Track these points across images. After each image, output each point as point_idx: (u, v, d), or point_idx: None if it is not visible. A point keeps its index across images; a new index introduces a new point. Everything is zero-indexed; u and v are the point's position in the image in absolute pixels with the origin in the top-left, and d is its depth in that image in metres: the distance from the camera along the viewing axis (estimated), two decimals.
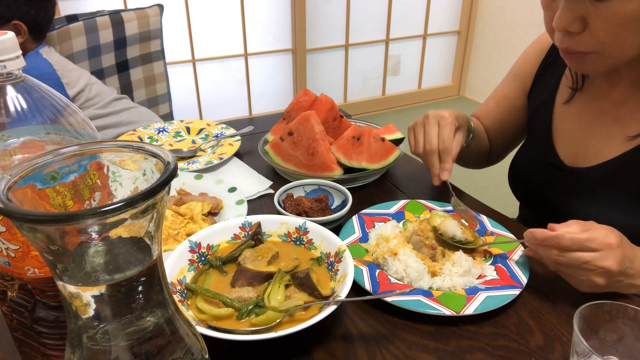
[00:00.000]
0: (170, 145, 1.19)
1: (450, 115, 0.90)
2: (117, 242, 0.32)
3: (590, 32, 0.69)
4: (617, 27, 0.67)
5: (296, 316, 0.61)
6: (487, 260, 0.76)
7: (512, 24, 3.57)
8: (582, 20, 0.68)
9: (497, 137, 1.10)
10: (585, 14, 0.68)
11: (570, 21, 0.69)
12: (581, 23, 0.69)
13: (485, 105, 1.11)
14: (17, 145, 0.45)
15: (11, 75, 0.45)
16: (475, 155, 1.10)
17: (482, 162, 1.17)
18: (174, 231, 0.81)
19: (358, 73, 3.70)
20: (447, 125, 0.89)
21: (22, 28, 1.40)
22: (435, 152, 0.89)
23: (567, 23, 0.69)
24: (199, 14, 2.96)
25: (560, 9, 0.69)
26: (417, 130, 0.92)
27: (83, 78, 1.53)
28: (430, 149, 0.89)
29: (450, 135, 0.89)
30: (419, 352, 0.61)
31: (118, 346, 0.34)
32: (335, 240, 0.71)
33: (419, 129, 0.92)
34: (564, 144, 0.91)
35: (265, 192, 0.97)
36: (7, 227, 0.46)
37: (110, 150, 0.36)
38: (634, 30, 0.67)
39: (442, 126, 0.89)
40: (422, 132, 0.91)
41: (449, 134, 0.88)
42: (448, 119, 0.90)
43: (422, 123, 0.92)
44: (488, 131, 1.10)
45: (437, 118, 0.90)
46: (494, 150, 1.13)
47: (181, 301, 0.63)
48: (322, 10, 3.34)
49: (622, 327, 0.54)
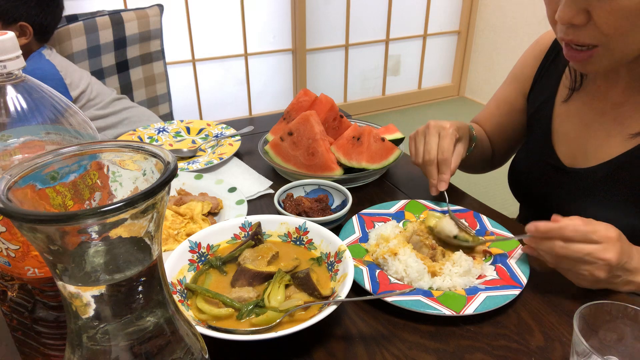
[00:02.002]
0: (170, 145, 1.19)
1: (451, 126, 0.90)
2: (117, 242, 0.32)
3: (595, 25, 0.69)
4: (620, 19, 0.67)
5: (296, 316, 0.61)
6: (487, 260, 0.76)
7: (512, 24, 3.57)
8: (586, 12, 0.68)
9: (499, 141, 1.10)
10: (589, 7, 0.67)
11: (574, 14, 0.69)
12: (585, 15, 0.68)
13: (486, 109, 1.11)
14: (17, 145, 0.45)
15: (11, 75, 0.45)
16: (478, 161, 1.10)
17: (486, 167, 1.17)
18: (174, 231, 0.81)
19: (358, 73, 3.70)
20: (447, 137, 0.89)
21: (28, 29, 1.40)
22: (433, 162, 0.89)
23: (571, 16, 0.69)
24: (199, 14, 2.96)
25: (564, 2, 0.69)
26: (417, 140, 0.92)
27: (84, 79, 1.53)
28: (429, 159, 0.89)
29: (450, 146, 0.89)
30: (419, 352, 0.61)
31: (118, 346, 0.34)
32: (335, 240, 0.71)
33: (420, 138, 0.92)
34: (563, 145, 0.91)
35: (265, 192, 0.97)
36: (7, 227, 0.46)
37: (110, 150, 0.36)
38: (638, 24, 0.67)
39: (443, 137, 0.89)
40: (423, 142, 0.91)
41: (448, 145, 0.88)
42: (449, 129, 0.89)
43: (423, 133, 0.92)
44: (490, 135, 1.10)
45: (438, 129, 0.90)
46: (497, 153, 1.13)
47: (181, 301, 0.63)
48: (322, 10, 3.34)
49: (622, 327, 0.54)
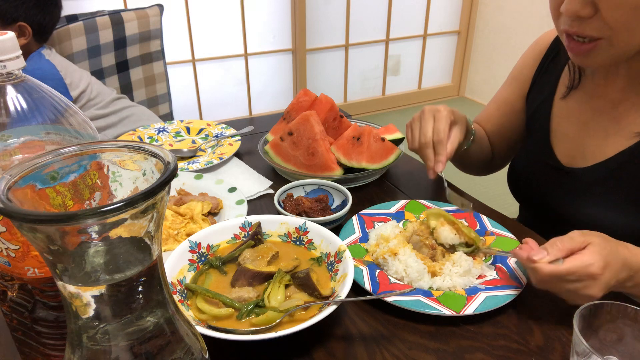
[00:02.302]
0: (170, 145, 1.19)
1: (445, 109, 0.90)
2: (117, 242, 0.32)
3: (601, 17, 0.68)
4: (628, 12, 0.66)
5: (296, 316, 0.61)
6: (487, 260, 0.76)
7: (512, 24, 3.57)
8: (593, 4, 0.68)
9: (499, 142, 1.10)
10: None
11: (581, 6, 0.68)
12: (592, 7, 0.68)
13: (486, 110, 1.11)
14: (17, 145, 0.45)
15: (11, 75, 0.45)
16: (476, 160, 1.10)
17: (483, 168, 1.17)
18: (174, 231, 0.81)
19: (358, 73, 3.70)
20: (442, 119, 0.89)
21: (27, 30, 1.40)
22: (429, 144, 0.89)
23: (578, 8, 0.68)
24: (199, 14, 2.96)
25: None
26: (413, 126, 0.93)
27: (84, 79, 1.53)
28: (425, 141, 0.89)
29: (445, 128, 0.88)
30: (419, 352, 0.61)
31: (118, 346, 0.34)
32: (335, 240, 0.71)
33: (416, 124, 0.92)
34: (562, 145, 0.91)
35: (265, 192, 0.97)
36: (7, 227, 0.46)
37: (110, 150, 0.36)
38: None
39: (437, 119, 0.89)
40: (418, 126, 0.91)
41: (444, 127, 0.88)
42: (443, 112, 0.90)
43: (419, 118, 0.92)
44: (490, 136, 1.10)
45: (433, 112, 0.90)
46: (497, 155, 1.13)
47: (181, 301, 0.63)
48: (322, 10, 3.33)
49: (622, 327, 0.54)
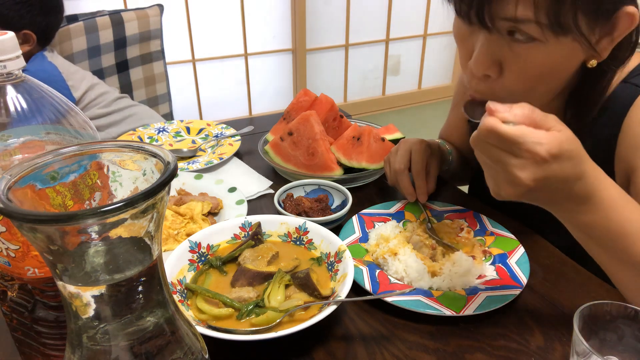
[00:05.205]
0: (170, 145, 1.19)
1: (422, 142, 0.91)
2: (117, 242, 0.32)
3: (503, 79, 0.65)
4: (530, 77, 0.64)
5: (296, 316, 0.61)
6: (487, 260, 0.76)
7: None
8: (499, 64, 0.64)
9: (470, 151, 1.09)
10: (503, 59, 0.63)
11: (489, 65, 0.64)
12: (498, 68, 0.64)
13: (447, 123, 1.12)
14: (17, 145, 0.45)
15: (11, 75, 0.45)
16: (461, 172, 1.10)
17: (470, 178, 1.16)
18: (174, 231, 0.81)
19: (358, 73, 3.70)
20: (418, 151, 0.89)
21: (32, 37, 1.39)
22: (404, 171, 0.89)
23: (486, 67, 0.64)
24: (199, 14, 2.96)
25: (479, 51, 0.64)
26: (391, 160, 0.92)
27: (86, 79, 1.53)
28: (399, 168, 0.89)
29: (422, 159, 0.89)
30: (419, 352, 0.61)
31: (118, 346, 0.34)
32: (335, 240, 0.71)
33: (393, 157, 0.92)
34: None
35: (265, 192, 0.97)
36: (7, 227, 0.46)
37: (110, 150, 0.36)
38: (546, 80, 0.65)
39: (414, 151, 0.90)
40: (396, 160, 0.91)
41: (421, 157, 0.89)
42: (419, 145, 0.90)
43: (395, 152, 0.92)
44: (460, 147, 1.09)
45: (409, 145, 0.91)
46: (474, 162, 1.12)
47: (181, 301, 0.63)
48: (322, 10, 3.33)
49: (622, 327, 0.53)
